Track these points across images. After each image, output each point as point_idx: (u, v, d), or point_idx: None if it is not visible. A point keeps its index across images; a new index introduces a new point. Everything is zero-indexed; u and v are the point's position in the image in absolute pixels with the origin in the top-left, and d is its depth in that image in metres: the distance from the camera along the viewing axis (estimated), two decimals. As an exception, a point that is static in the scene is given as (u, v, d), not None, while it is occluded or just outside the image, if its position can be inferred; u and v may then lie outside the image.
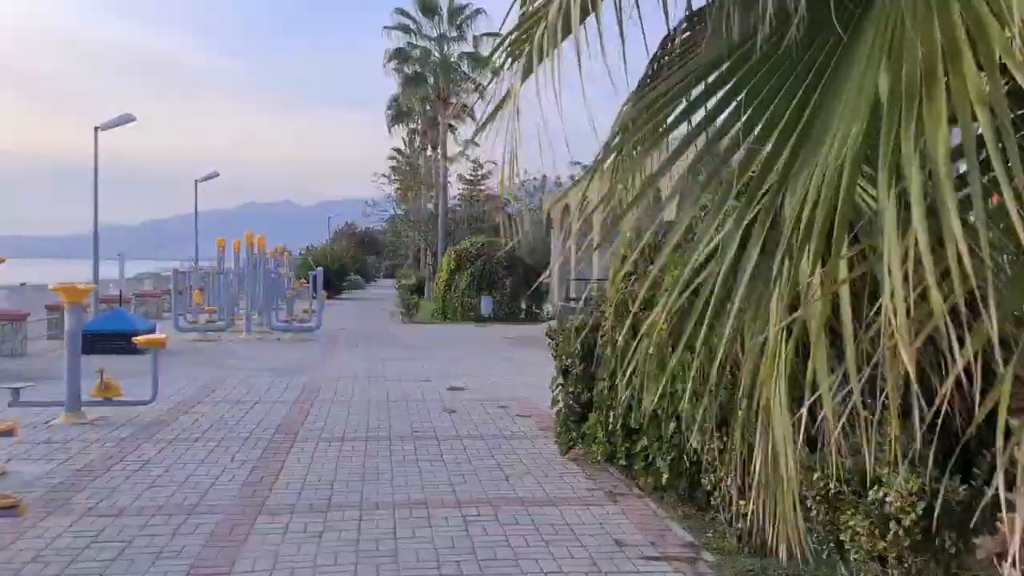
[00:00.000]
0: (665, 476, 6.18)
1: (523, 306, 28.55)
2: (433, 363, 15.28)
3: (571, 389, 7.70)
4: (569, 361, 7.77)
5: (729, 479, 5.35)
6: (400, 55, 40.01)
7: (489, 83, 3.30)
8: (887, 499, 3.92)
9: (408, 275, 51.37)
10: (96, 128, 20.70)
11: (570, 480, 6.87)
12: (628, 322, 7.01)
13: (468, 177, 48.05)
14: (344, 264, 48.31)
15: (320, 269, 23.50)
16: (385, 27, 40.14)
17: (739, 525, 5.35)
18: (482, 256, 28.24)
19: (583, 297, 8.30)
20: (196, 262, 29.38)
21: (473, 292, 27.82)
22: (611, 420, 6.87)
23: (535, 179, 50.27)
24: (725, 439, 5.34)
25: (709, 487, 5.56)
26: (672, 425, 6.16)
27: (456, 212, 45.93)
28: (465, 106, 43.32)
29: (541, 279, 27.18)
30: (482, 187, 48.19)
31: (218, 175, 33.74)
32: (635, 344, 6.33)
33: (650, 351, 3.62)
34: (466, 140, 47.13)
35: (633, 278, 7.54)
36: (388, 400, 10.99)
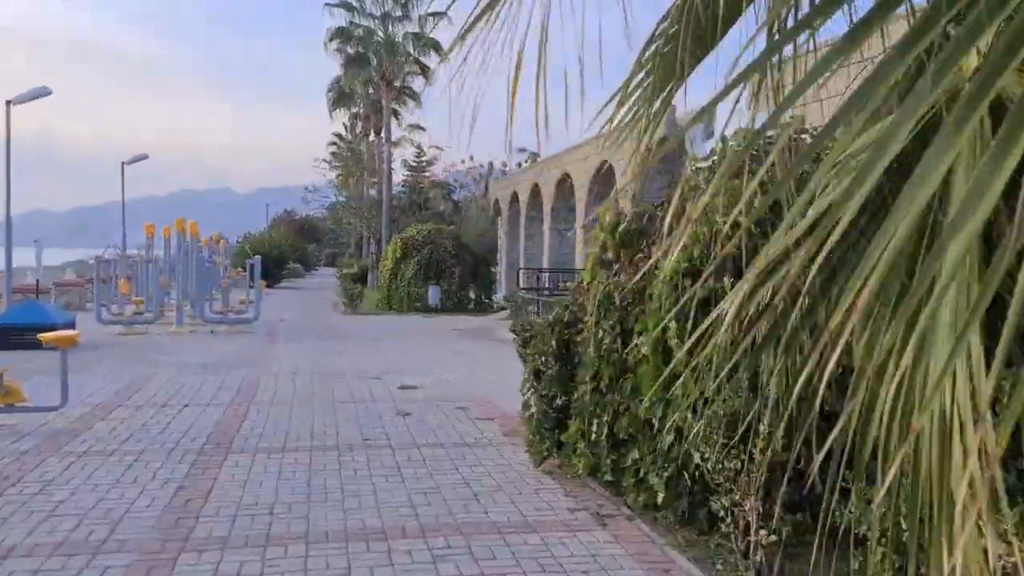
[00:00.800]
0: (661, 495, 5.36)
1: (472, 296, 27.62)
2: (381, 357, 14.26)
3: (545, 392, 6.84)
4: (542, 360, 6.90)
5: (748, 503, 4.56)
6: (342, 34, 38.47)
7: (452, 49, 2.51)
8: None
9: (350, 264, 49.93)
10: (8, 102, 18.99)
11: (548, 498, 6.00)
12: (616, 317, 6.21)
13: (412, 163, 46.78)
14: (283, 252, 46.66)
15: (258, 257, 22.17)
16: (327, 4, 38.57)
17: (758, 557, 4.57)
18: (430, 244, 27.20)
19: (571, 289, 7.39)
20: (124, 249, 27.62)
21: (420, 281, 26.77)
22: (595, 429, 6.03)
23: (481, 166, 49.31)
24: (743, 457, 4.55)
25: (721, 511, 4.76)
26: (670, 437, 5.34)
27: (400, 199, 44.65)
28: (409, 88, 42.08)
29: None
30: (427, 173, 46.98)
31: (147, 157, 31.88)
32: (631, 344, 5.40)
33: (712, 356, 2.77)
34: (410, 124, 45.95)
35: (616, 267, 6.71)
36: (335, 401, 9.98)
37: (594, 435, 6.05)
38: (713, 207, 5.75)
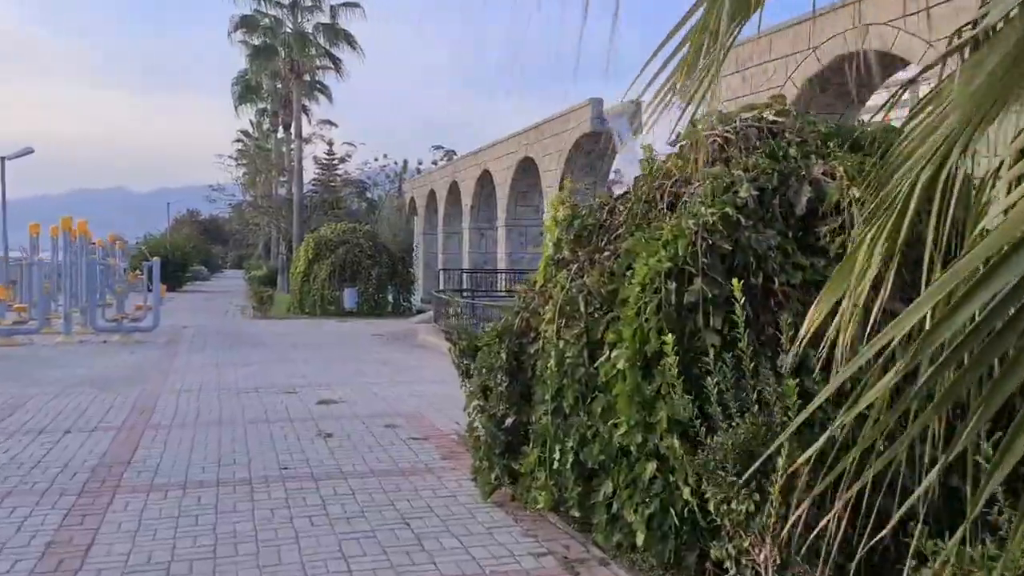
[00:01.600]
0: (641, 535, 4.54)
1: (390, 299, 26.47)
2: (296, 368, 13.08)
3: (494, 412, 5.95)
4: (490, 376, 6.01)
5: (762, 552, 3.78)
6: (247, 23, 36.53)
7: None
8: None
9: (258, 266, 47.81)
10: None
11: (504, 539, 5.12)
12: (582, 326, 5.37)
13: (324, 160, 45.09)
14: (186, 254, 44.25)
15: (156, 259, 20.48)
16: (230, -9, 36.55)
17: (772, 617, 3.80)
18: (345, 244, 25.90)
19: (518, 292, 6.45)
20: (5, 252, 25.29)
21: (335, 283, 25.45)
22: (558, 457, 5.17)
23: (395, 163, 48.02)
24: (757, 496, 3.77)
25: (726, 560, 3.97)
26: (651, 466, 4.54)
27: (312, 198, 42.93)
28: (320, 83, 40.49)
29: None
30: (339, 171, 45.38)
31: (32, 152, 29.41)
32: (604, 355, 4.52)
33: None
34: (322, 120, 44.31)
35: (574, 267, 5.88)
36: (245, 420, 8.84)
37: (557, 463, 5.19)
38: (694, 197, 5.03)
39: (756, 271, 4.41)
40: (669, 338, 4.13)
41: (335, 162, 44.99)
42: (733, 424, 3.88)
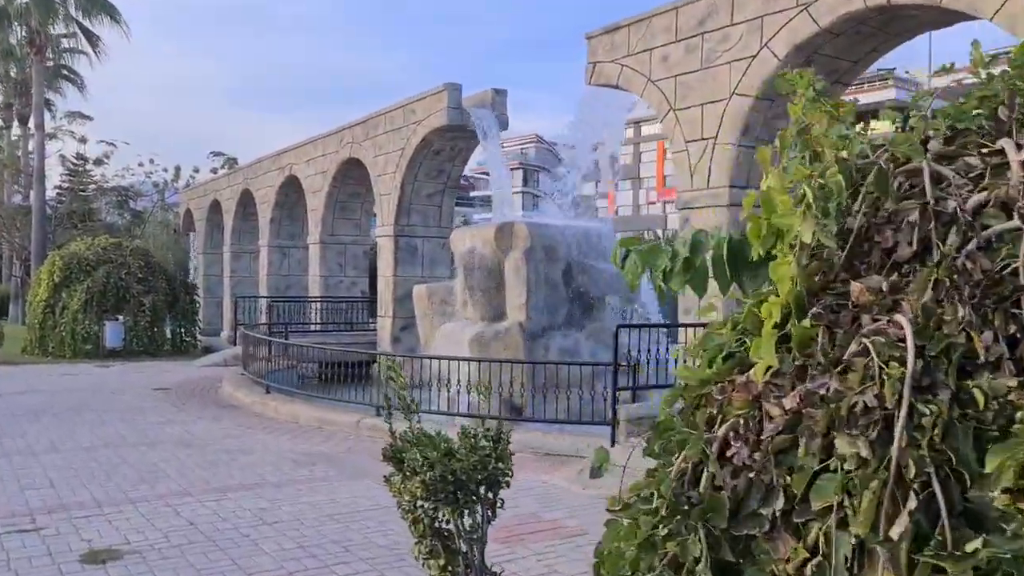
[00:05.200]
0: None
1: (168, 333, 20.94)
2: (35, 467, 8.05)
3: None
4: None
5: None
6: (-32, -16, 28.85)
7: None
8: None
9: (-16, 290, 38.63)
10: None
11: None
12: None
13: (74, 163, 37.42)
14: None
15: None
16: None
17: None
18: (107, 264, 20.09)
19: None
20: None
21: (92, 315, 19.54)
22: None
23: (165, 170, 41.17)
24: None
25: None
26: None
27: (57, 207, 35.27)
28: (70, 67, 33.34)
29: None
30: (94, 176, 37.90)
31: None
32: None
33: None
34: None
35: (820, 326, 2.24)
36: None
37: None
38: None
39: None
40: None
41: (87, 166, 37.38)
42: None
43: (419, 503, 3.65)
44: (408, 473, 3.68)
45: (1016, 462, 1.34)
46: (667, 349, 9.34)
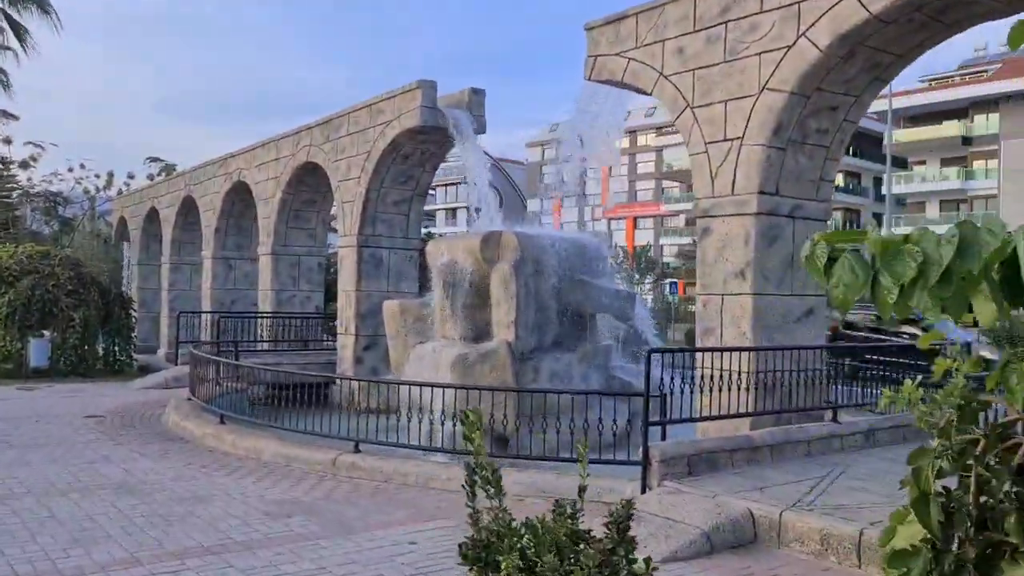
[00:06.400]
0: None
1: (101, 350, 19.07)
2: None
3: None
4: None
5: None
6: None
7: None
8: None
9: None
10: None
11: None
12: None
13: (-5, 167, 34.80)
14: None
15: None
16: None
17: None
18: (32, 275, 18.17)
19: None
20: None
21: (15, 330, 17.61)
22: None
23: (97, 176, 38.70)
24: None
25: None
26: None
27: (-25, 213, 32.65)
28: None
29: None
30: (16, 179, 35.33)
31: None
32: None
33: None
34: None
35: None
36: None
37: None
38: None
39: None
40: None
41: (12, 169, 34.77)
42: None
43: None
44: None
45: None
46: (690, 377, 8.24)
